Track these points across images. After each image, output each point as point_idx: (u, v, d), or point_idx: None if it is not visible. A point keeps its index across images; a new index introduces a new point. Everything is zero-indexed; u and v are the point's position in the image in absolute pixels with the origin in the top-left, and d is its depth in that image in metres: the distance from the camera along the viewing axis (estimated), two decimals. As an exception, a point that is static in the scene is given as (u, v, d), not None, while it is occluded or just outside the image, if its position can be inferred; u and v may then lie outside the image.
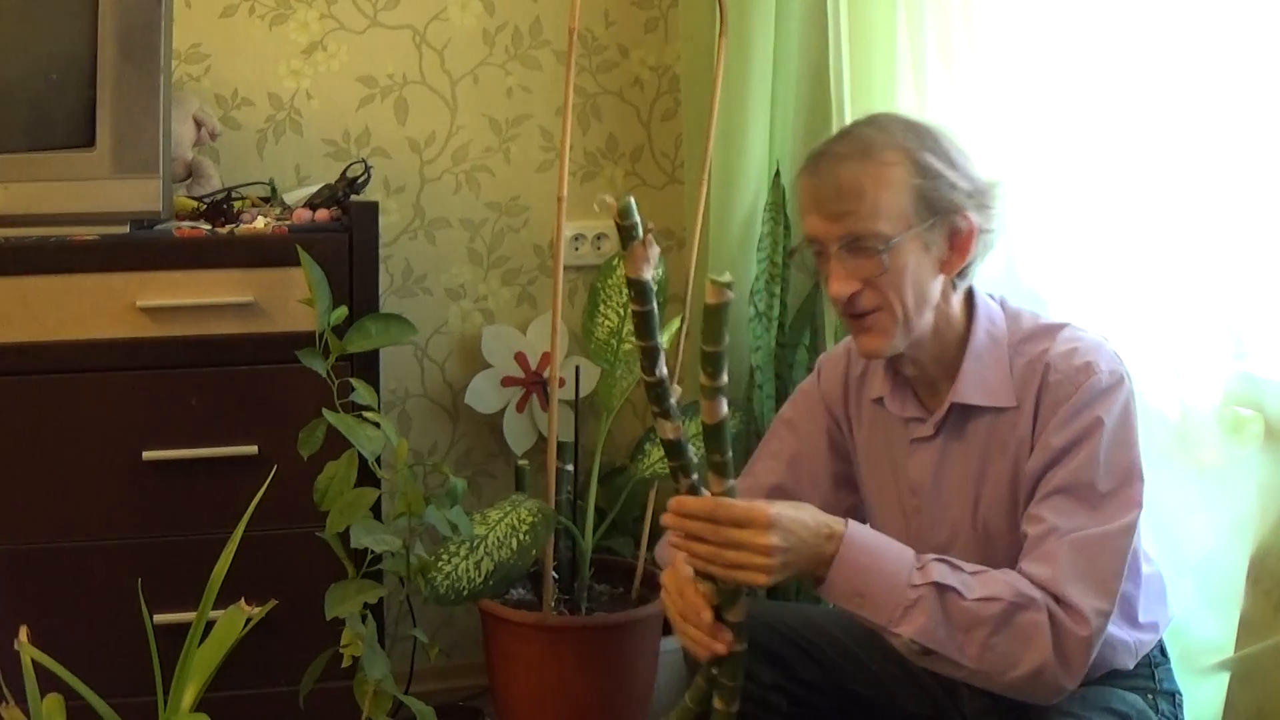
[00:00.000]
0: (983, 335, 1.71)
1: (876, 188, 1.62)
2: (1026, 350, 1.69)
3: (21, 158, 1.99)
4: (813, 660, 1.83)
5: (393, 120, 2.54)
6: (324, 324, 1.97)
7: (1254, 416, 1.80)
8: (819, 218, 1.66)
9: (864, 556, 1.56)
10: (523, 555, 2.15)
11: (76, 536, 2.03)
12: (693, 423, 2.39)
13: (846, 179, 1.63)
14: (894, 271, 1.63)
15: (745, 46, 2.40)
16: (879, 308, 1.66)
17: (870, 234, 1.62)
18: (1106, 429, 1.60)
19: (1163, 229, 1.92)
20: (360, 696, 1.98)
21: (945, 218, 1.65)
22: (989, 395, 1.69)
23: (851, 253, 1.64)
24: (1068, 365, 1.64)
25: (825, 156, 1.67)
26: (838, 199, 1.63)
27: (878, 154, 1.64)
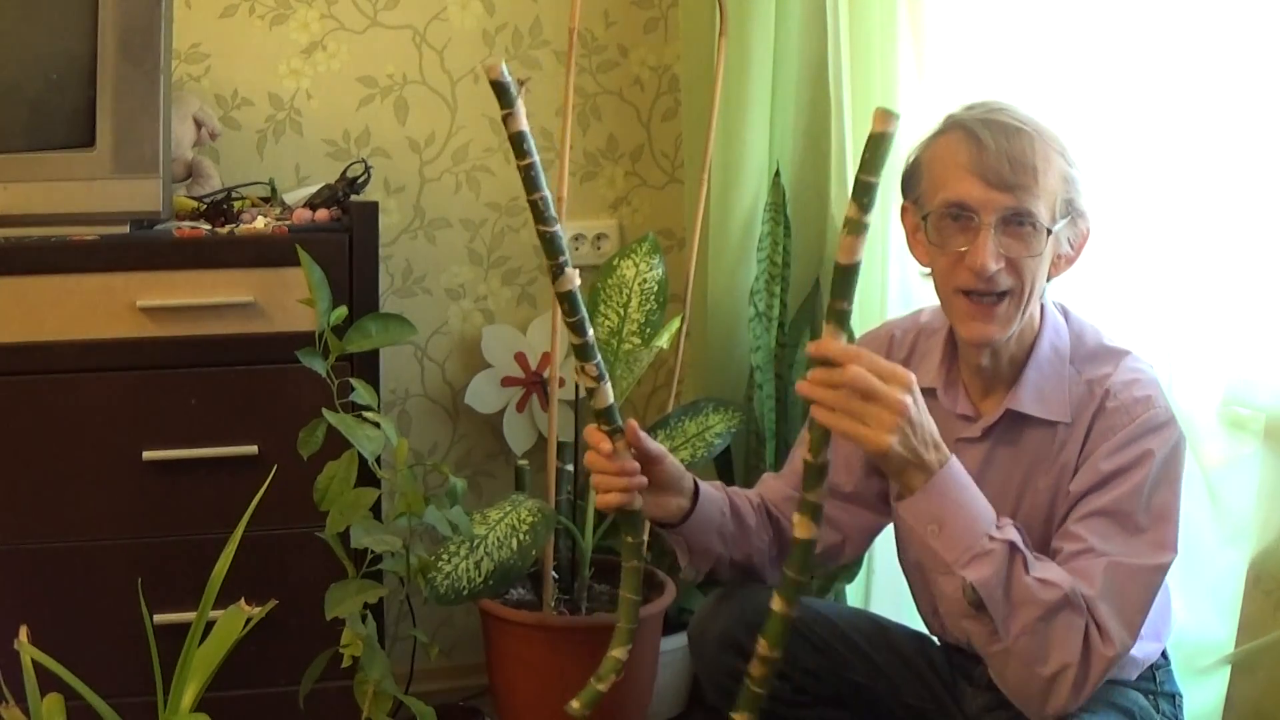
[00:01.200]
0: (1047, 346, 1.69)
1: (1046, 168, 1.60)
2: (1088, 370, 1.67)
3: (21, 158, 1.99)
4: (814, 649, 1.83)
5: (393, 120, 2.54)
6: (324, 324, 1.97)
7: (1254, 416, 1.80)
8: (983, 184, 1.60)
9: (956, 488, 1.54)
10: (523, 555, 2.15)
11: (76, 536, 2.03)
12: (692, 422, 2.38)
13: (1021, 151, 1.59)
14: (1037, 259, 1.61)
15: (745, 46, 2.40)
16: (1012, 291, 1.62)
17: (1036, 213, 1.60)
18: (1155, 464, 1.59)
19: (1163, 229, 1.93)
20: (360, 696, 1.98)
21: (1074, 223, 1.65)
22: (1044, 407, 1.68)
23: (1008, 229, 1.60)
24: (1128, 395, 1.62)
25: (994, 124, 1.61)
26: (1011, 170, 1.59)
27: (1046, 136, 1.62)
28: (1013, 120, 1.62)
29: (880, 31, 2.25)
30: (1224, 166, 1.85)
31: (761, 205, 2.46)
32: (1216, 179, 1.86)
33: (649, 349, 2.32)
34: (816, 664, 1.83)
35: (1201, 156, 1.87)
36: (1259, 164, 1.81)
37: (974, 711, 1.81)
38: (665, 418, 2.40)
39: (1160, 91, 1.90)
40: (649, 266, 2.40)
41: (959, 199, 1.61)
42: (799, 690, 1.83)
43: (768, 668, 1.59)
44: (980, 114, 1.64)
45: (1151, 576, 1.58)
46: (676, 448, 2.34)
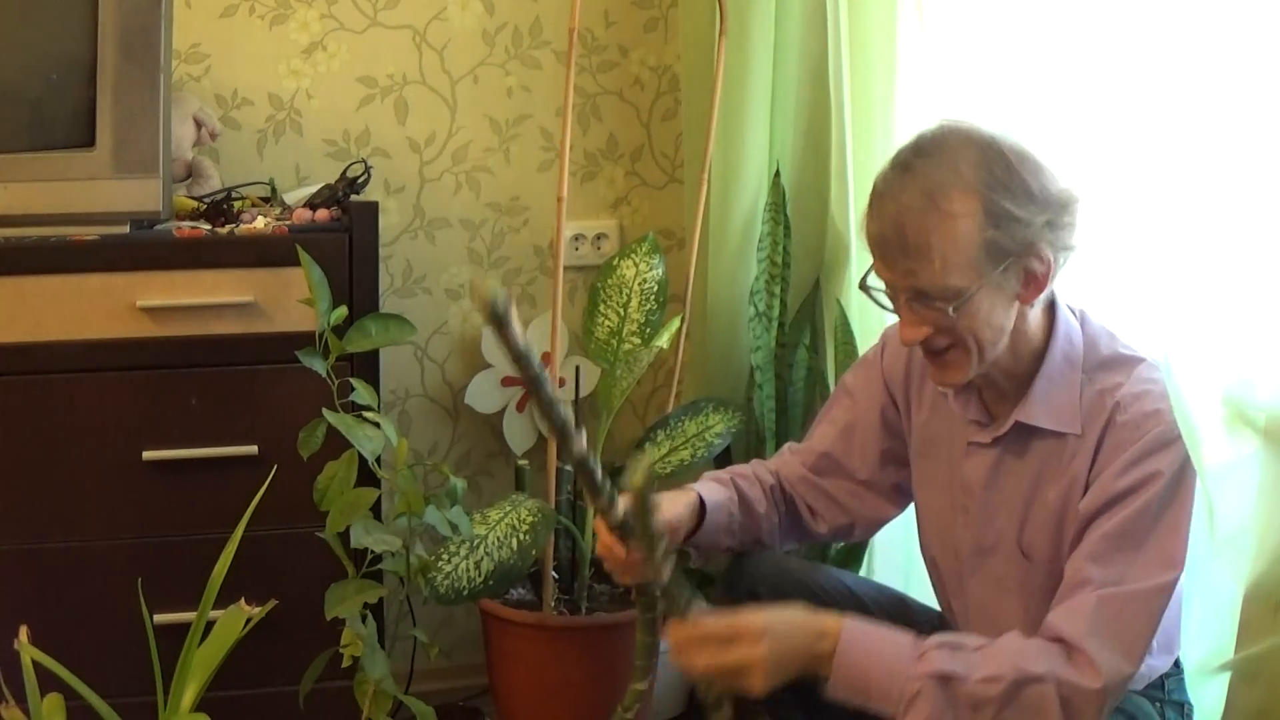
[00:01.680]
0: (1059, 356, 1.67)
1: (945, 243, 1.55)
2: (1100, 379, 1.65)
3: (21, 158, 1.99)
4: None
5: (393, 120, 2.54)
6: (324, 324, 1.97)
7: (1254, 416, 1.80)
8: (886, 269, 1.61)
9: (861, 655, 1.55)
10: (523, 555, 2.15)
11: (76, 536, 2.03)
12: (692, 422, 2.38)
13: (912, 233, 1.56)
14: (966, 317, 1.59)
15: (745, 46, 2.40)
16: (952, 345, 1.63)
17: (939, 290, 1.57)
18: (1164, 483, 1.58)
19: (1163, 228, 1.92)
20: (360, 696, 1.98)
21: (1020, 260, 1.59)
22: (1054, 419, 1.66)
23: (919, 303, 1.60)
24: (1138, 409, 1.60)
25: (889, 200, 1.59)
26: (903, 254, 1.57)
27: (945, 203, 1.56)
28: (906, 189, 1.58)
29: (881, 31, 2.24)
30: (1225, 164, 1.85)
31: (761, 205, 2.46)
32: (1218, 177, 1.86)
33: (649, 349, 2.32)
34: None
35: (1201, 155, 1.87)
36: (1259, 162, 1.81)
37: None
38: (665, 418, 2.40)
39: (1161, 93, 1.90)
40: (649, 266, 2.40)
41: (877, 273, 1.64)
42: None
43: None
44: (887, 180, 1.62)
45: (1153, 600, 1.57)
46: (676, 447, 2.34)
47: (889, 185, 1.61)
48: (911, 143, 1.65)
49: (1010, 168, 1.58)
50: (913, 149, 1.63)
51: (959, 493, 1.77)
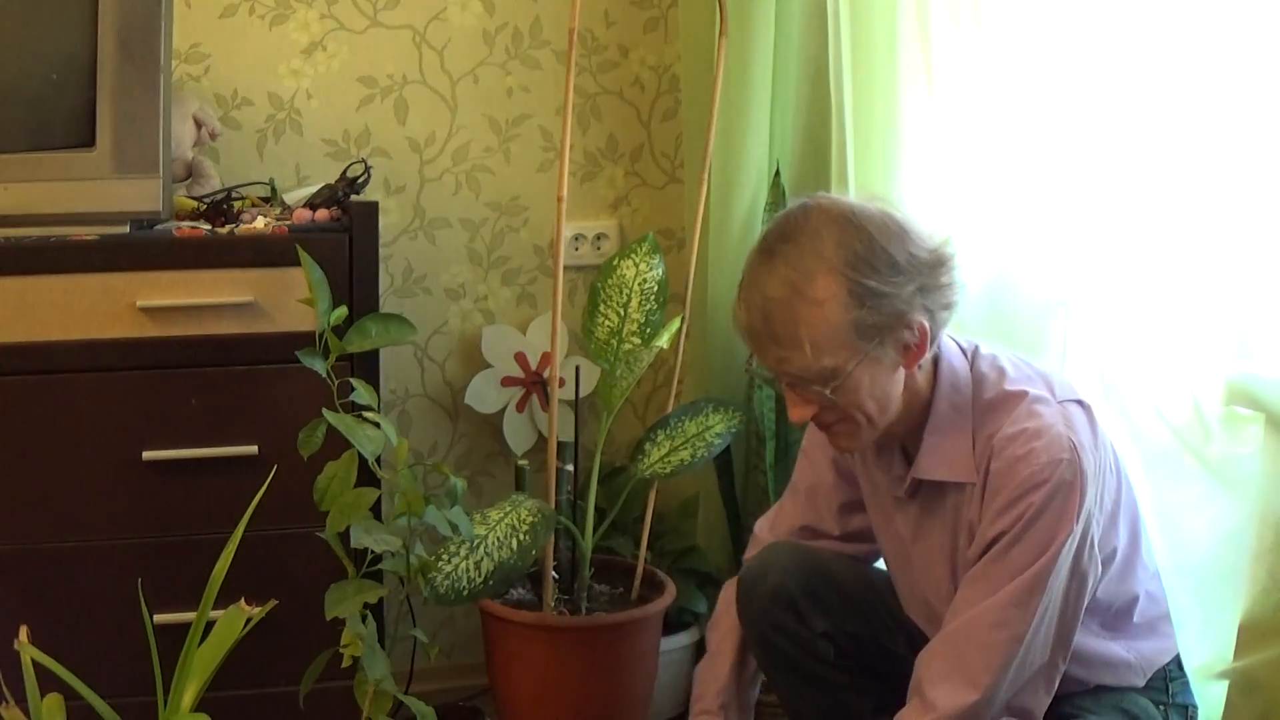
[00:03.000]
0: (944, 406, 1.69)
1: (812, 331, 1.59)
2: (986, 424, 1.67)
3: (21, 158, 1.99)
4: (860, 614, 1.86)
5: (393, 120, 2.54)
6: (324, 324, 1.97)
7: (1254, 416, 1.80)
8: (759, 355, 1.65)
9: None
10: (523, 555, 2.15)
11: (76, 536, 2.03)
12: (692, 422, 2.38)
13: (780, 324, 1.60)
14: (847, 393, 1.62)
15: (745, 46, 2.40)
16: (841, 419, 1.66)
17: (813, 374, 1.61)
18: (1024, 520, 1.59)
19: (1164, 228, 1.92)
20: (360, 696, 1.98)
21: (892, 332, 1.61)
22: (949, 469, 1.68)
23: (799, 387, 1.64)
24: (1009, 453, 1.62)
25: (754, 291, 1.62)
26: (774, 344, 1.61)
27: (809, 290, 1.59)
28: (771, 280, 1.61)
29: (881, 31, 2.24)
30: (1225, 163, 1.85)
31: (761, 205, 2.46)
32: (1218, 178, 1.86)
33: (649, 349, 2.32)
34: (862, 630, 1.86)
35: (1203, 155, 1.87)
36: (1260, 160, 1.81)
37: None
38: (665, 418, 2.40)
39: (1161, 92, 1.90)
40: (649, 266, 2.40)
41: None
42: (840, 654, 1.87)
43: None
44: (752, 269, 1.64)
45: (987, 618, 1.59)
46: (676, 447, 2.34)
47: (754, 274, 1.64)
48: (777, 225, 1.68)
49: (872, 241, 1.60)
50: (778, 233, 1.66)
51: (896, 544, 1.80)
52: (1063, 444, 1.61)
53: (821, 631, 1.84)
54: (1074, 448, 1.61)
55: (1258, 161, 1.79)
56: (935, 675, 1.60)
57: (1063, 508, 1.59)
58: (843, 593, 1.85)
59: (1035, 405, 1.65)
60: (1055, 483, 1.59)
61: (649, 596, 2.37)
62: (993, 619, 1.59)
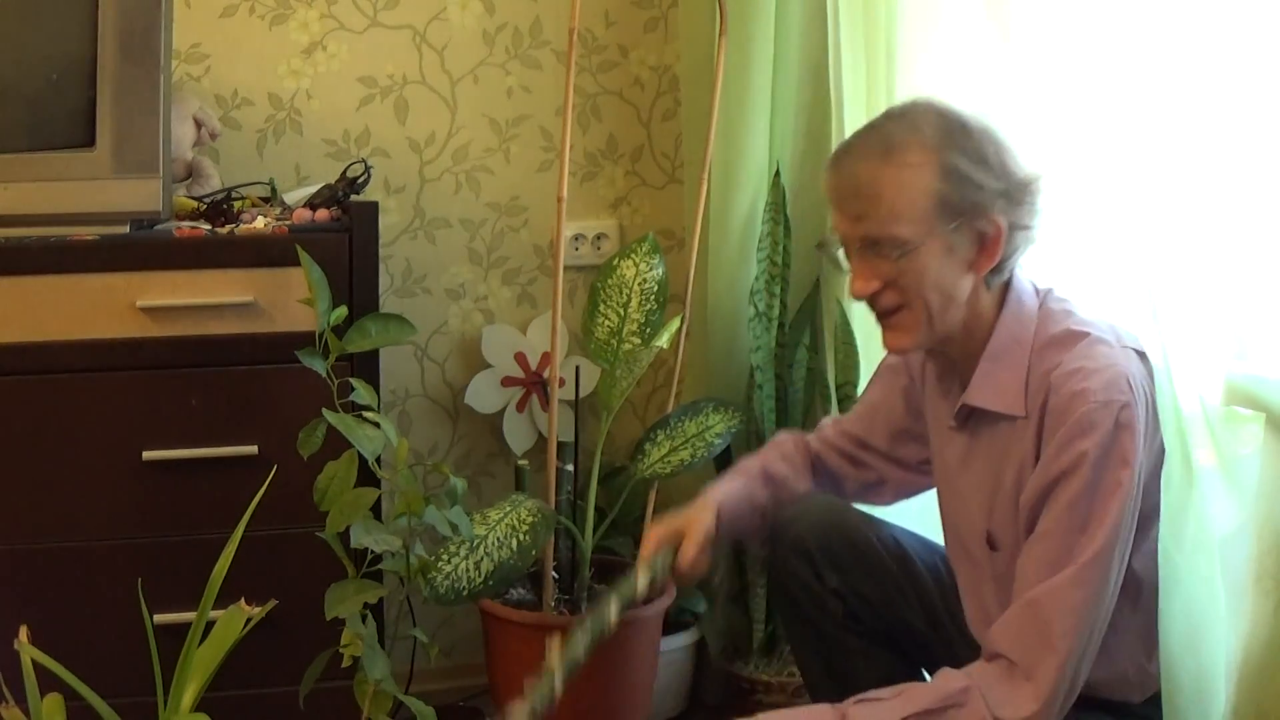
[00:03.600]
0: (1004, 336, 1.68)
1: (895, 191, 1.60)
2: (1045, 359, 1.65)
3: (21, 158, 1.99)
4: (877, 580, 1.87)
5: (393, 120, 2.54)
6: (324, 324, 1.97)
7: (1254, 416, 1.80)
8: (839, 215, 1.66)
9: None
10: (523, 555, 2.15)
11: (76, 536, 2.03)
12: (692, 422, 2.38)
13: (864, 180, 1.62)
14: (914, 273, 1.62)
15: (745, 46, 2.40)
16: (901, 306, 1.65)
17: (887, 238, 1.61)
18: (1088, 466, 1.56)
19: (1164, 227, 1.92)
20: (360, 696, 1.98)
21: (970, 221, 1.62)
22: (999, 400, 1.67)
23: (870, 253, 1.63)
24: (1066, 389, 1.60)
25: (847, 153, 1.66)
26: (855, 199, 1.63)
27: (899, 154, 1.61)
28: (866, 145, 1.65)
29: (881, 31, 2.24)
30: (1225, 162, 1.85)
31: (761, 205, 2.46)
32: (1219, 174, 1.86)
33: (649, 349, 2.32)
34: (874, 594, 1.87)
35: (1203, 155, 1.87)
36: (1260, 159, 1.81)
37: None
38: (665, 418, 2.40)
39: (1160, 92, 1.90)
40: (649, 266, 2.40)
41: (834, 227, 1.69)
42: (850, 616, 1.88)
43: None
44: (850, 139, 1.70)
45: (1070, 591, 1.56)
46: (676, 447, 2.34)
47: (851, 141, 1.69)
48: (881, 113, 1.73)
49: (969, 133, 1.64)
50: (881, 116, 1.72)
51: (946, 477, 1.80)
52: (1121, 385, 1.59)
53: (833, 588, 1.87)
54: (1131, 389, 1.59)
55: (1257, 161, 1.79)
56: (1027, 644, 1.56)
57: (1124, 452, 1.57)
58: (862, 556, 1.86)
59: (1097, 345, 1.63)
60: (1114, 425, 1.56)
61: (649, 596, 2.36)
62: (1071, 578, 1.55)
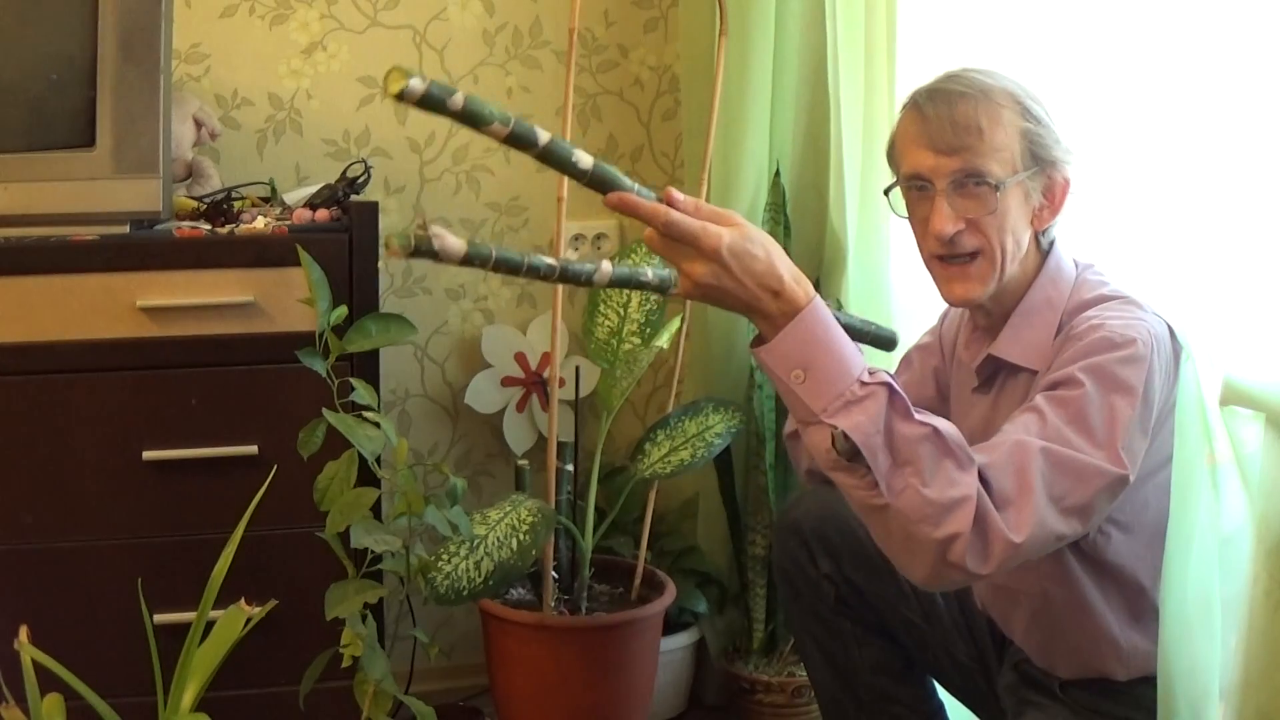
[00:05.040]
0: (1039, 295, 1.71)
1: (993, 126, 1.63)
2: (1074, 322, 1.66)
3: (21, 158, 1.99)
4: (872, 571, 1.87)
5: (393, 120, 2.54)
6: (324, 324, 1.97)
7: (1254, 416, 1.80)
8: (931, 152, 1.65)
9: (822, 331, 1.41)
10: (523, 555, 2.15)
11: (76, 536, 2.03)
12: (692, 422, 2.38)
13: (963, 115, 1.64)
14: (1000, 214, 1.64)
15: (745, 46, 2.40)
16: (979, 251, 1.66)
17: (985, 171, 1.63)
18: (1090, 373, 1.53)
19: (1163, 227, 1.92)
20: (360, 696, 1.98)
21: (1046, 168, 1.67)
22: (1024, 355, 1.69)
23: (960, 191, 1.64)
24: (1085, 326, 1.62)
25: (938, 94, 1.67)
26: (954, 133, 1.64)
27: (994, 94, 1.65)
28: (958, 86, 1.66)
29: (881, 31, 2.24)
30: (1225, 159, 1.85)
31: (761, 205, 2.46)
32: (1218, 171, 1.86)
33: (649, 349, 2.32)
34: (866, 583, 1.88)
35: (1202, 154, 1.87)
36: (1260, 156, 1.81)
37: (1002, 686, 1.83)
38: (665, 418, 2.40)
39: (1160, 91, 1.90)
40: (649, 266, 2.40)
41: (913, 170, 1.68)
42: (842, 601, 1.90)
43: None
44: (931, 85, 1.70)
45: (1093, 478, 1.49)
46: (676, 447, 2.34)
47: (933, 85, 1.70)
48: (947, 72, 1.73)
49: (1036, 95, 1.69)
50: (953, 71, 1.72)
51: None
52: (1139, 329, 1.59)
53: (825, 573, 1.89)
54: (1152, 339, 1.59)
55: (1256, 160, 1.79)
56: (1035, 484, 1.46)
57: (1126, 379, 1.54)
58: (857, 545, 1.86)
59: (1127, 305, 1.66)
60: (1129, 351, 1.55)
61: (649, 596, 2.37)
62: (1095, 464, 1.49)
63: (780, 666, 2.48)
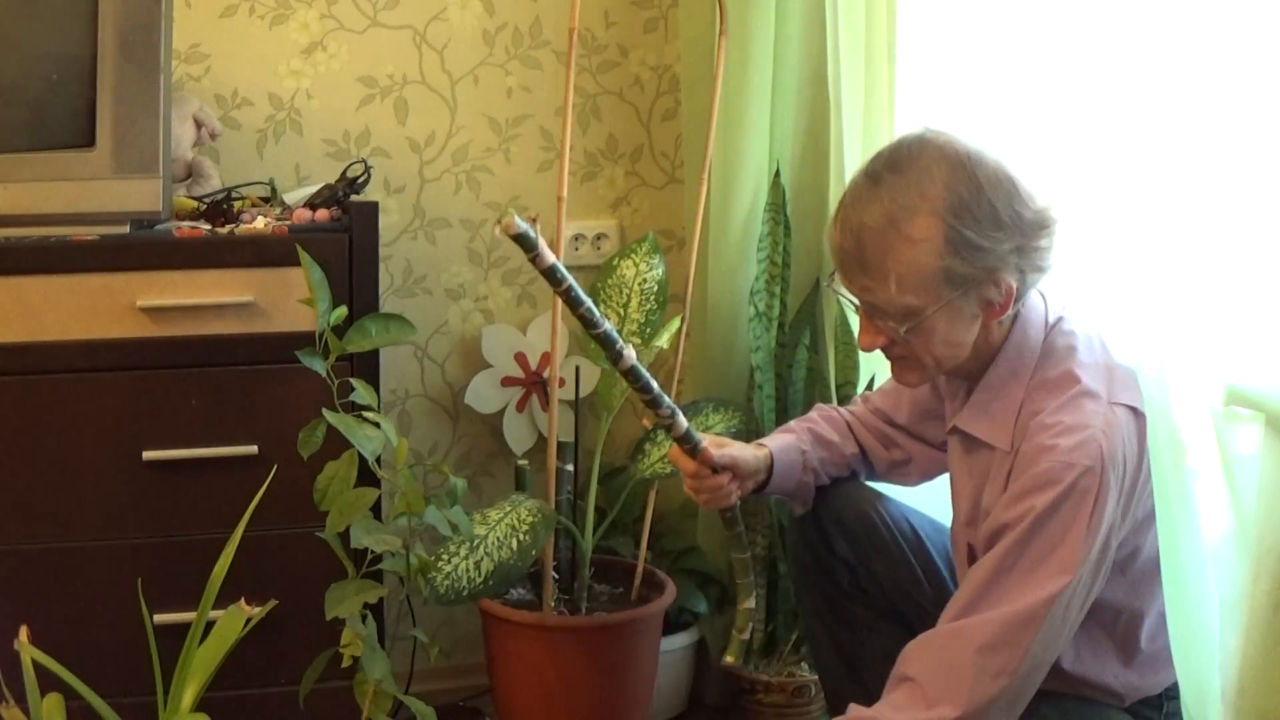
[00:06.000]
0: (1004, 369, 1.68)
1: (901, 266, 1.58)
2: (1035, 399, 1.65)
3: (21, 158, 1.99)
4: (889, 559, 1.88)
5: (393, 120, 2.54)
6: (324, 324, 1.97)
7: (1254, 417, 1.80)
8: (844, 278, 1.66)
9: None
10: (523, 555, 2.15)
11: (76, 536, 2.03)
12: (692, 423, 2.38)
13: (871, 252, 1.59)
14: (921, 335, 1.61)
15: (745, 46, 2.40)
16: (908, 355, 1.66)
17: (893, 309, 1.60)
18: (1031, 519, 1.55)
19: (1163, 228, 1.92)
20: (360, 696, 1.98)
21: (979, 288, 1.60)
22: (987, 430, 1.69)
23: (877, 316, 1.64)
24: (1037, 441, 1.59)
25: (853, 214, 1.61)
26: (861, 271, 1.61)
27: (906, 227, 1.57)
28: (873, 210, 1.59)
29: (881, 31, 2.24)
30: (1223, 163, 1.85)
31: (761, 205, 2.46)
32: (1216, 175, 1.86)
33: (649, 349, 2.32)
34: (882, 569, 1.89)
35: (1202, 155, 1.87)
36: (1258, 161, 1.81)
37: None
38: (666, 417, 2.40)
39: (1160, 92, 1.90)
40: (649, 266, 2.40)
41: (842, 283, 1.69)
42: (857, 586, 1.91)
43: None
44: (853, 193, 1.64)
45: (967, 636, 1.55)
46: (676, 448, 2.34)
47: (856, 198, 1.63)
48: (889, 151, 1.66)
49: (980, 192, 1.58)
50: (887, 161, 1.64)
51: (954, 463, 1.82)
52: (1091, 450, 1.55)
53: (842, 557, 1.90)
54: (1102, 457, 1.55)
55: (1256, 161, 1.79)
56: (924, 671, 1.56)
57: (1071, 518, 1.54)
58: (873, 530, 1.88)
59: (1083, 399, 1.61)
60: (1068, 487, 1.54)
61: (649, 596, 2.37)
62: (985, 640, 1.54)
63: (780, 666, 2.48)
